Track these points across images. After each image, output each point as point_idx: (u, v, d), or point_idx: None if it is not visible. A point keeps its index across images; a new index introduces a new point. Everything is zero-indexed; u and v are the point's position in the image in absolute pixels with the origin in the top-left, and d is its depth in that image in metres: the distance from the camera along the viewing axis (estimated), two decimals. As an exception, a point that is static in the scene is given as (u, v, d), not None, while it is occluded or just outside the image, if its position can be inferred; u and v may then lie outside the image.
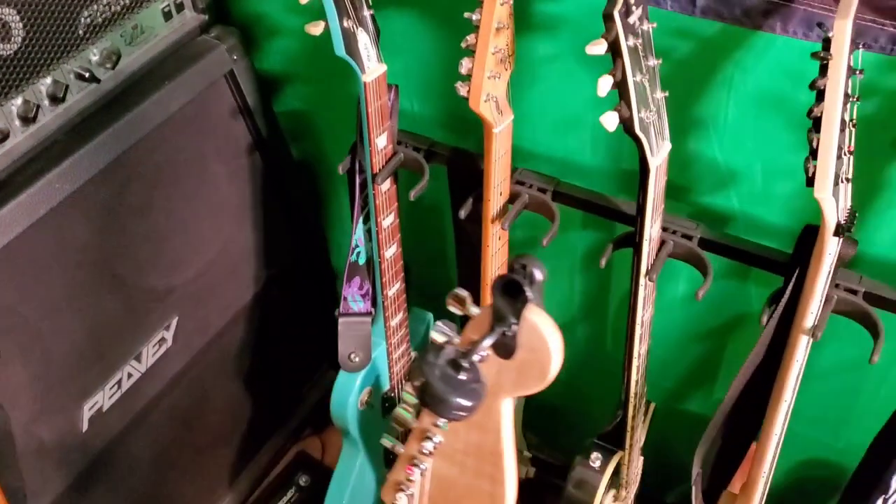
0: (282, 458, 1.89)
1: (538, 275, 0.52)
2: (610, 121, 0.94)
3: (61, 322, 1.26)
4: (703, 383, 1.48)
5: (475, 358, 0.51)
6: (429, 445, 0.58)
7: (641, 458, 1.35)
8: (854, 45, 0.89)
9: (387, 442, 0.63)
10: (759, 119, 1.11)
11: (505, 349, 0.52)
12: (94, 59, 1.21)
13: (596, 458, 1.23)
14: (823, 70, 0.89)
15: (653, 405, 1.38)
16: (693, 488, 1.13)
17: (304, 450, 1.93)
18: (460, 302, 0.54)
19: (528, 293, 0.50)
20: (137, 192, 1.31)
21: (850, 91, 0.90)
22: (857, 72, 0.90)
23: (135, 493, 1.47)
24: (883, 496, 1.04)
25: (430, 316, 1.55)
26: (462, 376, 0.51)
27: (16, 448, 1.06)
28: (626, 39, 0.91)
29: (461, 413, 0.51)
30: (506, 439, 0.56)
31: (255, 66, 1.48)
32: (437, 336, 0.56)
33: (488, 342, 0.52)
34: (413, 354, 1.49)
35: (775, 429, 1.11)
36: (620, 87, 0.94)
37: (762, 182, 1.17)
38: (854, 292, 1.03)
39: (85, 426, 1.33)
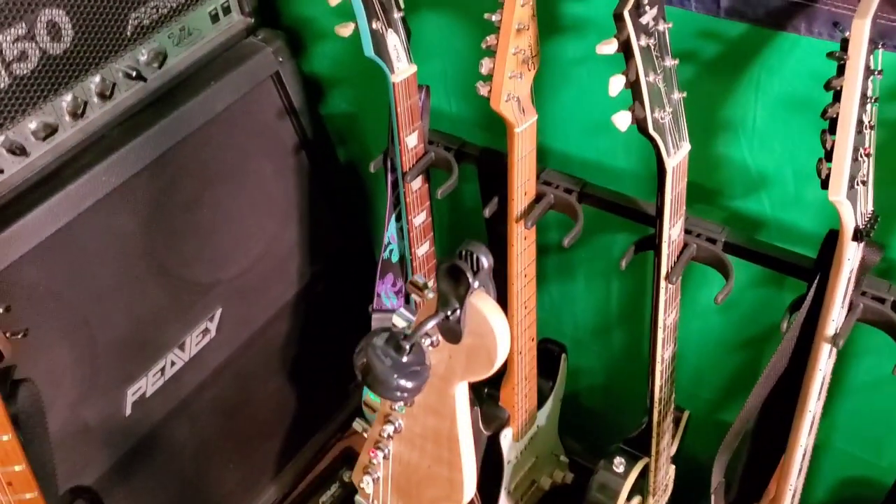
0: (326, 454, 1.92)
1: (484, 261, 0.53)
2: (621, 120, 0.94)
3: (107, 309, 1.32)
4: (741, 394, 1.44)
5: (417, 340, 0.52)
6: (389, 429, 0.59)
7: (673, 466, 1.33)
8: (874, 44, 0.87)
9: (357, 426, 0.64)
10: (787, 122, 1.09)
11: (452, 334, 0.53)
12: (142, 58, 1.27)
13: (620, 463, 1.21)
14: (840, 70, 0.87)
15: (686, 413, 1.36)
16: (712, 497, 1.11)
17: (350, 446, 1.96)
18: (419, 289, 0.55)
19: (470, 279, 0.51)
20: (184, 187, 1.37)
21: (869, 92, 0.88)
22: (877, 72, 0.87)
23: (176, 479, 1.52)
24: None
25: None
26: (404, 358, 0.52)
27: (45, 422, 1.12)
28: (638, 39, 0.91)
29: (402, 394, 0.52)
30: (461, 425, 0.56)
31: (302, 69, 1.52)
32: (397, 321, 0.58)
33: (429, 325, 0.53)
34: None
35: (800, 440, 1.08)
36: (633, 87, 0.93)
37: (794, 186, 1.14)
38: (882, 301, 1.00)
39: (128, 411, 1.39)
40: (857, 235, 0.90)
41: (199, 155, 1.37)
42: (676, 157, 0.99)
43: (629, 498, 1.22)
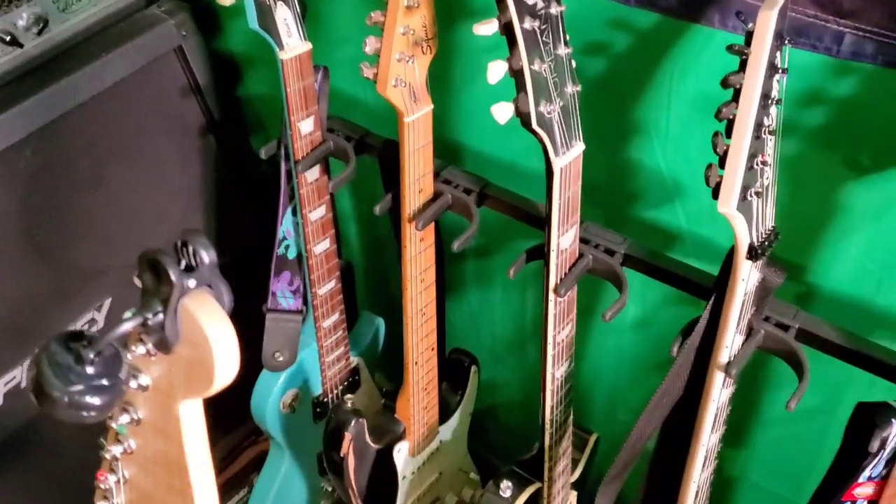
0: (238, 458, 1.82)
1: (205, 256, 0.43)
2: (501, 112, 0.84)
3: (-21, 293, 1.23)
4: (658, 418, 1.35)
5: (102, 348, 0.43)
6: (116, 450, 0.49)
7: (574, 492, 1.23)
8: (782, 40, 0.77)
9: (102, 443, 0.54)
10: (703, 125, 0.98)
11: (160, 342, 0.44)
12: (21, 23, 1.17)
13: (507, 487, 1.12)
14: (742, 66, 0.78)
15: (594, 436, 1.26)
16: (594, 532, 1.02)
17: (265, 450, 1.86)
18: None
19: (174, 276, 0.42)
20: (70, 163, 1.27)
21: (773, 93, 0.78)
22: (782, 70, 0.78)
23: (54, 477, 1.42)
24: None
25: (381, 321, 1.46)
26: (89, 369, 0.43)
27: None
28: (522, 22, 0.81)
29: (81, 413, 0.43)
30: (191, 450, 0.47)
31: (215, 46, 1.43)
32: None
33: (119, 330, 0.43)
34: (354, 360, 1.41)
35: (694, 475, 0.98)
36: (516, 75, 0.83)
37: (711, 198, 1.04)
38: (785, 328, 0.90)
39: (0, 401, 1.29)
40: (752, 253, 0.81)
41: (87, 130, 1.27)
42: (566, 157, 0.89)
43: (517, 526, 1.13)
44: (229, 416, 1.72)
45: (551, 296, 0.97)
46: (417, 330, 1.19)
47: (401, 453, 1.28)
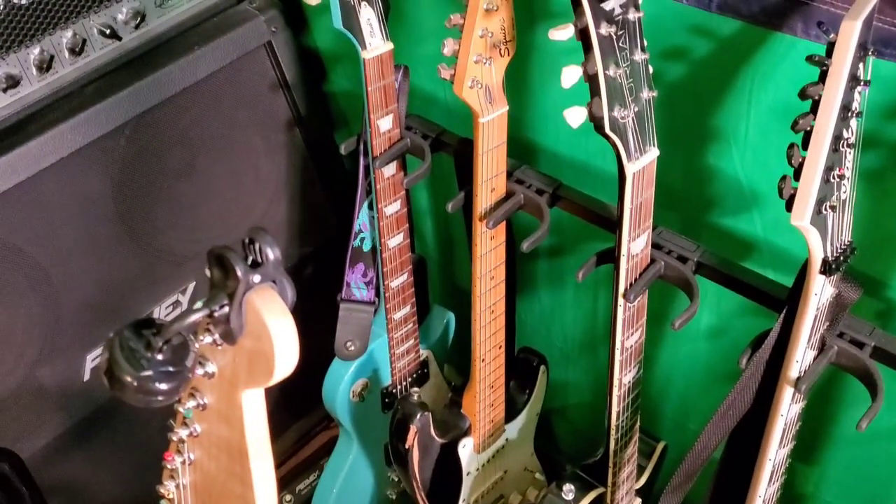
0: (310, 442, 1.87)
1: (270, 253, 0.45)
2: (574, 117, 0.85)
3: (72, 270, 1.29)
4: (728, 429, 1.33)
5: (170, 336, 0.45)
6: (183, 432, 0.52)
7: (639, 499, 1.22)
8: (865, 51, 0.75)
9: (171, 424, 0.57)
10: (782, 134, 0.97)
11: (226, 333, 0.46)
12: (120, 17, 1.23)
13: (569, 490, 1.12)
14: (822, 77, 0.76)
15: (662, 444, 1.25)
16: (653, 541, 1.01)
17: (336, 436, 1.90)
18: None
19: (240, 272, 0.44)
20: (162, 153, 1.32)
21: (853, 105, 0.76)
22: (864, 82, 0.76)
23: (136, 450, 1.49)
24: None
25: (451, 315, 1.48)
26: (158, 356, 0.45)
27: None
28: (598, 28, 0.81)
29: (148, 398, 0.45)
30: (252, 438, 0.49)
31: (303, 42, 1.46)
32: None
33: (187, 321, 0.46)
34: (424, 353, 1.43)
35: (759, 490, 0.97)
36: (591, 80, 0.84)
37: (788, 209, 1.02)
38: (860, 345, 0.88)
39: (87, 376, 1.36)
40: (826, 267, 0.79)
41: (179, 121, 1.32)
42: (640, 163, 0.89)
43: (577, 529, 1.13)
44: (303, 401, 1.77)
45: (620, 301, 0.97)
46: (485, 327, 1.20)
47: (465, 449, 1.30)
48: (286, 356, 0.45)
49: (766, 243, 1.07)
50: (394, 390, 1.41)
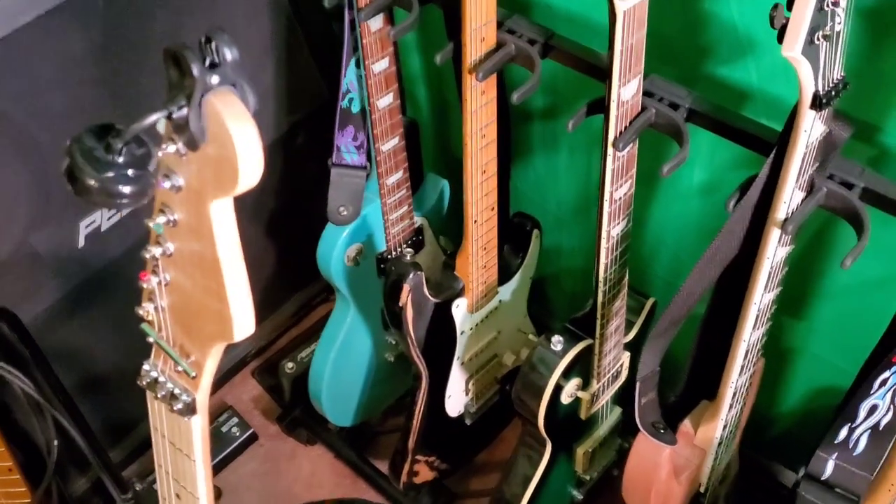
0: (310, 314, 1.90)
1: (227, 53, 0.44)
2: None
3: (59, 135, 1.26)
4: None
5: (128, 138, 0.45)
6: (156, 251, 0.52)
7: (627, 354, 1.24)
8: None
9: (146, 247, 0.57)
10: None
11: (189, 139, 0.45)
12: None
13: (558, 342, 1.13)
14: None
15: (652, 301, 1.26)
16: (637, 385, 1.03)
17: (337, 308, 1.93)
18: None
19: (196, 71, 0.43)
20: (143, 16, 1.29)
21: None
22: None
23: (132, 318, 1.50)
24: (849, 424, 0.90)
25: (445, 183, 1.47)
26: (119, 158, 0.45)
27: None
28: None
29: (113, 200, 0.45)
30: (223, 249, 0.49)
31: None
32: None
33: (145, 122, 0.45)
34: (418, 220, 1.43)
35: (744, 334, 0.98)
36: None
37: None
38: (850, 186, 0.87)
39: (81, 242, 1.37)
40: (816, 102, 0.77)
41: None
42: (630, 0, 0.86)
43: (567, 377, 1.15)
44: (300, 273, 1.78)
45: (610, 150, 0.96)
46: (477, 188, 1.19)
47: (459, 309, 1.31)
48: (250, 160, 0.44)
49: (760, 92, 1.05)
50: (389, 256, 1.41)
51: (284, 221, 1.69)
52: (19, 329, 1.21)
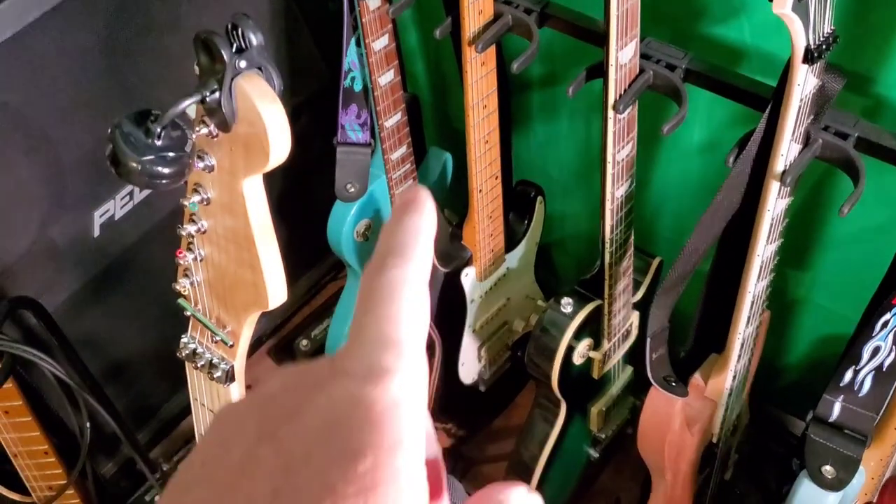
0: (321, 292, 1.93)
1: (253, 38, 0.47)
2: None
3: (70, 128, 1.30)
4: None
5: (167, 123, 0.47)
6: (191, 228, 0.55)
7: (636, 313, 1.27)
8: None
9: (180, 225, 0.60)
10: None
11: (220, 121, 0.48)
12: None
13: (568, 304, 1.17)
14: None
15: (658, 260, 1.29)
16: (648, 342, 1.06)
17: (346, 286, 1.96)
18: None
19: (227, 56, 0.45)
20: (144, 6, 1.31)
21: None
22: None
23: (154, 303, 1.54)
24: (853, 366, 0.94)
25: (448, 156, 1.49)
26: (157, 142, 0.47)
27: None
28: None
29: (154, 181, 0.48)
30: (255, 224, 0.52)
31: None
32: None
33: (181, 106, 0.48)
34: (423, 192, 1.45)
35: (749, 286, 1.01)
36: None
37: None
38: (844, 136, 0.90)
39: (97, 232, 1.40)
40: (808, 56, 0.80)
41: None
42: (624, -34, 0.88)
43: (578, 338, 1.18)
44: (311, 251, 1.81)
45: (610, 113, 0.99)
46: (480, 158, 1.22)
47: (468, 277, 1.34)
48: (279, 137, 0.47)
49: (754, 49, 1.07)
50: (396, 229, 1.44)
51: (291, 203, 1.72)
52: (45, 318, 1.24)
